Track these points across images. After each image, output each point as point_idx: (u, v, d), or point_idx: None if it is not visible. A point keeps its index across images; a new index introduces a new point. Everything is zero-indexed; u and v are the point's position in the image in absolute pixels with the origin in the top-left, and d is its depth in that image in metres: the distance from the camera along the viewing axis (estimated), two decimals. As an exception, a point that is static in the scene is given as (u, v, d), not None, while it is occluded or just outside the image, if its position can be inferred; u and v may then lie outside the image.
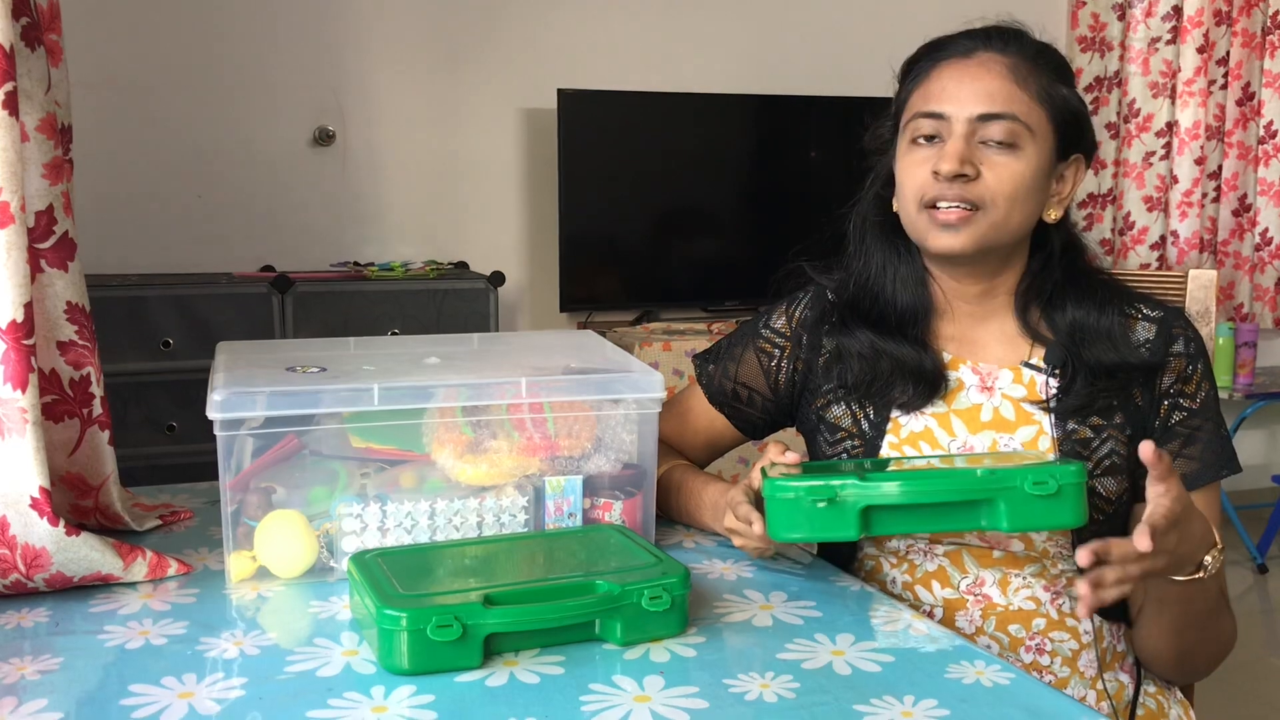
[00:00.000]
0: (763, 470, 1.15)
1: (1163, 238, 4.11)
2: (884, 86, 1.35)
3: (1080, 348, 1.25)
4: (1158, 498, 1.02)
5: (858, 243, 1.35)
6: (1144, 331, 1.27)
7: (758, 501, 1.18)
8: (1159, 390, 1.26)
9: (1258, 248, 4.21)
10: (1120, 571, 1.00)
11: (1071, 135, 1.26)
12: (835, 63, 3.66)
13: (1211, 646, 1.24)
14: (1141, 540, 1.00)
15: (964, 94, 1.22)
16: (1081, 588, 0.99)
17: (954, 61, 1.25)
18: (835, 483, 1.06)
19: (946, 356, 1.30)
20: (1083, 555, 1.00)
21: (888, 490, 1.06)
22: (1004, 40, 1.25)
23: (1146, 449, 1.01)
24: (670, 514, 1.38)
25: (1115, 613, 1.28)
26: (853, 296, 1.34)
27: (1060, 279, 1.28)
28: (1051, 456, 1.22)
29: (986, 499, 1.06)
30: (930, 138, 1.24)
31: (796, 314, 1.39)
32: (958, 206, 1.21)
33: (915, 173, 1.24)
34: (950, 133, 1.22)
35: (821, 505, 1.06)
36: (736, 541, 1.21)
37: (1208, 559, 1.10)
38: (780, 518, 1.08)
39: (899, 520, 1.08)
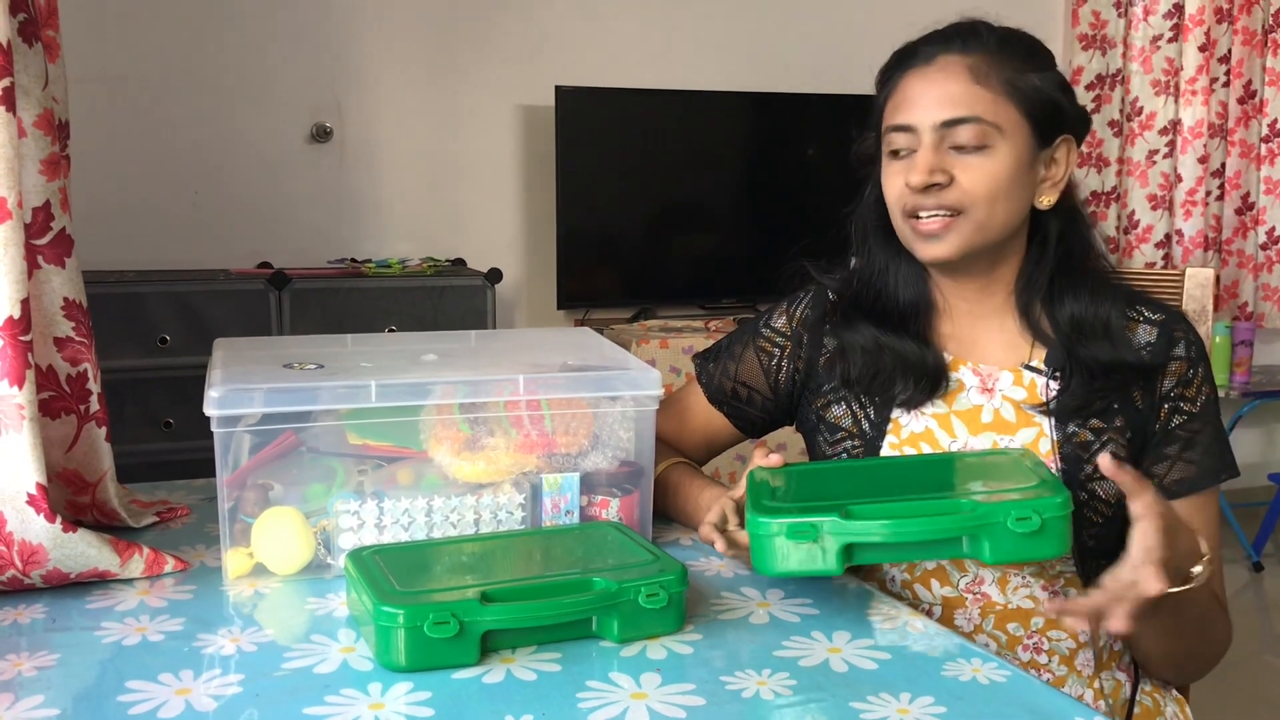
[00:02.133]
0: (748, 489, 1.14)
1: (1168, 236, 4.11)
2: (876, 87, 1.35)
3: (1077, 345, 1.24)
4: (1143, 530, 1.02)
5: (859, 245, 1.36)
6: (1145, 334, 1.26)
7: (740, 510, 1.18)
8: (1159, 394, 1.25)
9: (1264, 246, 4.21)
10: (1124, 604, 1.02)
11: (1051, 120, 1.24)
12: (832, 60, 3.66)
13: (1204, 651, 1.24)
14: (1151, 584, 1.00)
15: (926, 102, 1.22)
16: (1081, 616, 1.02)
17: (917, 69, 1.24)
18: (817, 520, 1.05)
19: (948, 356, 1.30)
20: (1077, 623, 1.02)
21: (870, 529, 1.04)
22: (963, 39, 1.23)
23: (1105, 461, 1.04)
24: (667, 513, 1.38)
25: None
26: (855, 292, 1.34)
27: (1055, 270, 1.27)
28: (1051, 465, 1.21)
29: (970, 534, 1.05)
30: (902, 150, 1.24)
31: (797, 313, 1.39)
32: (938, 215, 1.22)
33: (893, 184, 1.25)
34: (919, 143, 1.22)
35: (804, 543, 1.05)
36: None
37: (1195, 570, 1.10)
38: (764, 553, 1.07)
39: (882, 553, 1.07)
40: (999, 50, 1.23)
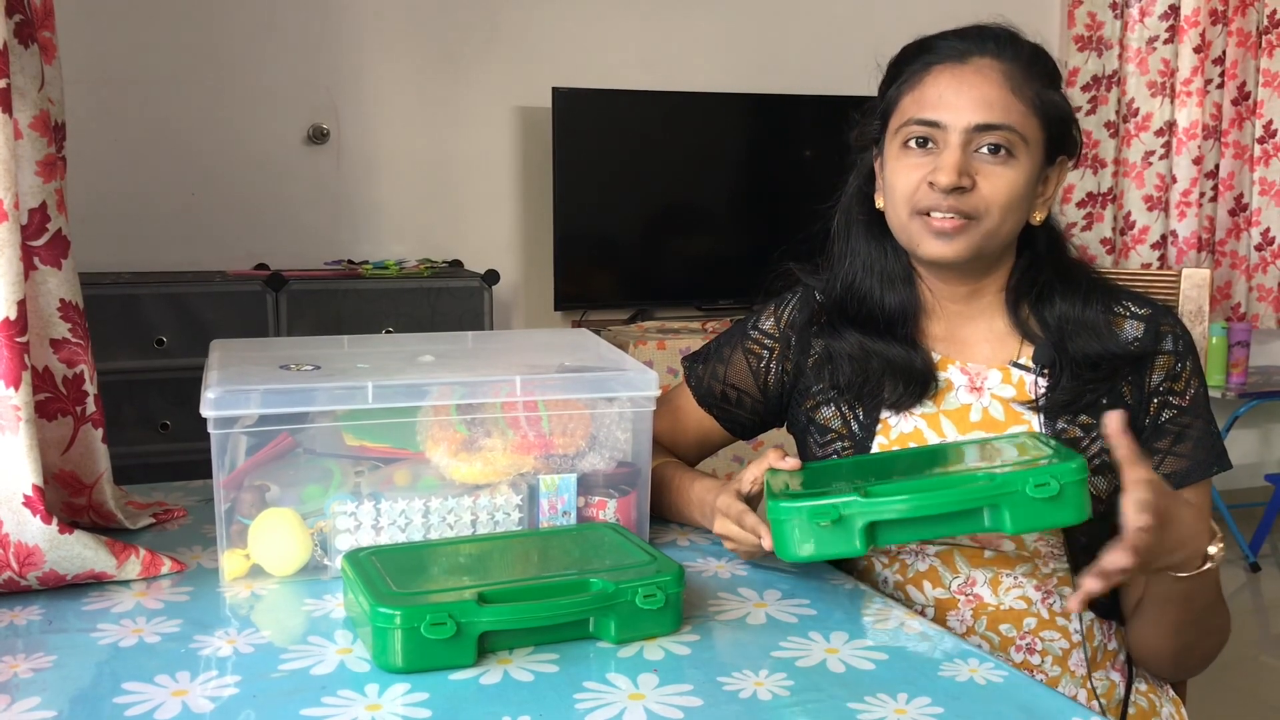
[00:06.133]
0: (766, 485, 1.14)
1: (1164, 237, 4.11)
2: (877, 86, 1.35)
3: (1065, 341, 1.25)
4: (1137, 497, 1.00)
5: (842, 241, 1.35)
6: (1132, 329, 1.26)
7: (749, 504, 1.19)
8: (1148, 388, 1.26)
9: (1259, 247, 4.22)
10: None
11: (1060, 139, 1.26)
12: (829, 61, 3.66)
13: (1209, 641, 1.23)
14: (1121, 558, 0.98)
15: (961, 103, 1.20)
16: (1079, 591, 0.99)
17: (948, 66, 1.23)
18: (839, 501, 1.05)
19: (935, 356, 1.30)
20: (1074, 603, 0.99)
21: (892, 506, 1.05)
22: (999, 44, 1.23)
23: (1114, 419, 1.01)
24: (660, 511, 1.38)
25: (1107, 610, 1.28)
26: (839, 298, 1.33)
27: (1049, 274, 1.28)
28: (1048, 451, 1.20)
29: (990, 504, 1.05)
30: (923, 142, 1.23)
31: (785, 315, 1.39)
32: (953, 216, 1.21)
33: (908, 178, 1.23)
34: (946, 142, 1.21)
35: (826, 525, 1.05)
36: (728, 545, 1.21)
37: (1212, 549, 1.09)
38: (786, 539, 1.08)
39: (904, 530, 1.07)
40: (1031, 63, 1.23)
